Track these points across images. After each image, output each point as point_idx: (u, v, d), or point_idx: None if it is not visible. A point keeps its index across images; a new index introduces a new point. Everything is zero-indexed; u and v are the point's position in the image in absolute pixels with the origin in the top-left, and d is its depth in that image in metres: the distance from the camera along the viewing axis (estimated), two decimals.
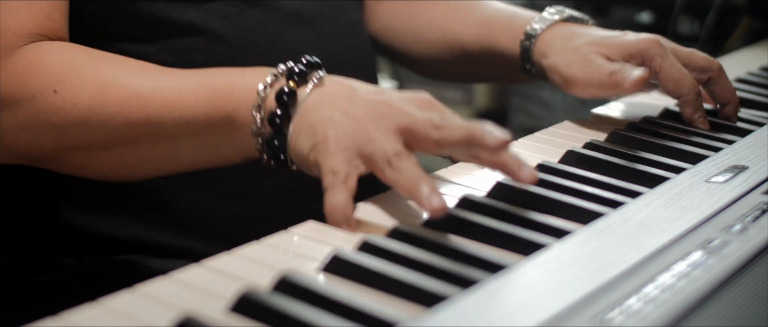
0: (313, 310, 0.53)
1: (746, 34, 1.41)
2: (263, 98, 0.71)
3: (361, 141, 0.67)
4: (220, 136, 0.74)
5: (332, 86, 0.72)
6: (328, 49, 0.94)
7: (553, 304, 0.53)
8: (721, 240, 0.62)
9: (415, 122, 0.67)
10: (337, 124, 0.68)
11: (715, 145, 0.87)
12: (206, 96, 0.74)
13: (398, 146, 0.66)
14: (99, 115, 0.74)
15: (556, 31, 0.96)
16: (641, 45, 0.91)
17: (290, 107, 0.71)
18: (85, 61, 0.77)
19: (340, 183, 0.66)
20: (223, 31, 0.87)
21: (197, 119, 0.74)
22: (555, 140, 0.88)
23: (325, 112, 0.69)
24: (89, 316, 0.53)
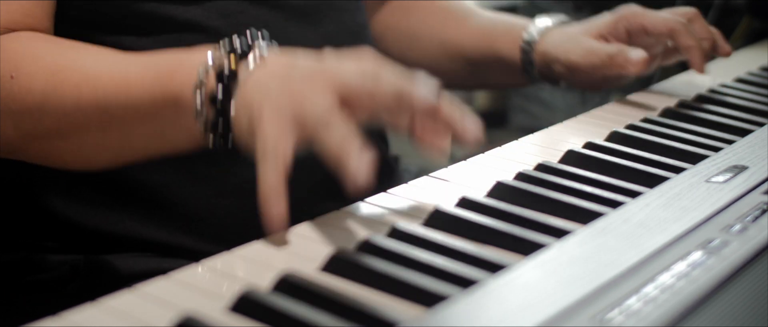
0: (313, 310, 0.53)
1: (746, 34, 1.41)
2: (204, 76, 0.69)
3: (294, 103, 0.64)
4: (167, 120, 0.72)
5: (273, 61, 0.69)
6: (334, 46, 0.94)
7: (553, 304, 0.53)
8: (721, 240, 0.62)
9: (348, 77, 0.65)
10: (271, 93, 0.66)
11: (715, 145, 0.87)
12: (152, 78, 0.72)
13: (331, 105, 0.64)
14: (52, 101, 0.74)
15: (553, 30, 1.04)
16: (620, 12, 1.01)
17: (230, 86, 0.68)
18: (43, 47, 0.77)
19: (270, 153, 0.63)
20: (225, 30, 0.87)
21: (143, 103, 0.72)
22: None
23: (262, 86, 0.67)
24: (89, 316, 0.53)
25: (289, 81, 0.66)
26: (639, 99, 1.03)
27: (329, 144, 0.62)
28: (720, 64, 1.23)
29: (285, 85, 0.66)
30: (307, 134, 0.64)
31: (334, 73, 0.66)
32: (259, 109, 0.65)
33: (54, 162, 0.80)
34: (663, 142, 0.86)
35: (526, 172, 0.77)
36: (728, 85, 1.09)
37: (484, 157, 0.82)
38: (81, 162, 0.79)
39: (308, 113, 0.64)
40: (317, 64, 0.68)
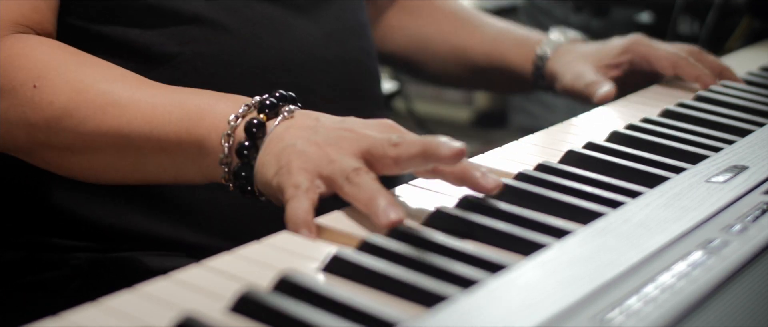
0: (313, 310, 0.53)
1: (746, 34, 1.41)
2: (233, 128, 0.72)
3: (322, 163, 0.67)
4: (187, 158, 0.74)
5: (299, 118, 0.72)
6: (333, 48, 0.94)
7: (553, 304, 0.53)
8: (721, 240, 0.62)
9: (373, 142, 0.67)
10: (299, 150, 0.68)
11: (715, 145, 0.87)
12: (179, 116, 0.74)
13: (356, 163, 0.67)
14: (73, 118, 0.75)
15: (562, 50, 1.11)
16: (626, 43, 1.07)
17: (258, 139, 0.71)
18: (68, 60, 0.78)
19: (302, 193, 0.66)
20: (229, 24, 0.87)
21: (167, 138, 0.74)
22: None
23: (288, 141, 0.69)
24: (89, 316, 0.53)
25: (316, 143, 0.68)
26: (638, 99, 1.03)
27: (357, 200, 0.65)
28: None
29: (312, 146, 0.68)
30: (333, 189, 0.67)
31: (360, 139, 0.68)
32: (287, 163, 0.68)
33: (60, 171, 0.80)
34: (663, 142, 0.86)
35: (526, 172, 0.77)
36: (728, 85, 1.09)
37: (484, 157, 0.82)
38: (89, 176, 0.79)
39: (336, 173, 0.66)
40: (342, 124, 0.70)
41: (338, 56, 0.94)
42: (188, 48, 0.85)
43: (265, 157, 0.70)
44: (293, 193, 0.66)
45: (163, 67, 0.85)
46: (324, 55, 0.93)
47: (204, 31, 0.86)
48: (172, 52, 0.85)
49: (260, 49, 0.88)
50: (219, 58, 0.87)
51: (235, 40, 0.87)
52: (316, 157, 0.67)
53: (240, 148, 0.71)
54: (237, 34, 0.87)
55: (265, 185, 0.70)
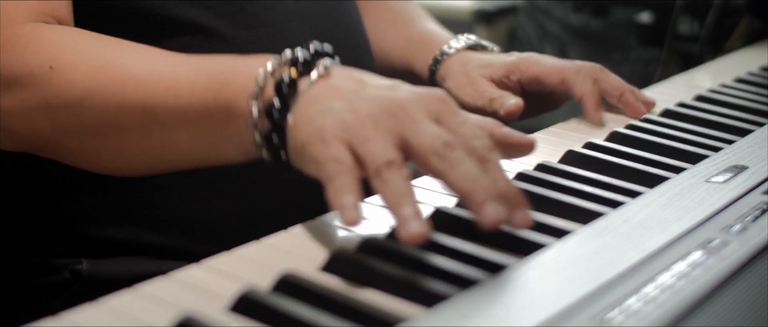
0: (313, 310, 0.53)
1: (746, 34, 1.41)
2: (262, 87, 0.65)
3: (357, 137, 0.61)
4: (217, 127, 0.68)
5: (339, 78, 0.65)
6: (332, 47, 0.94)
7: (553, 304, 0.53)
8: (721, 240, 0.62)
9: (419, 140, 0.61)
10: (335, 115, 0.61)
11: (715, 145, 0.87)
12: (204, 82, 0.69)
13: (392, 153, 0.60)
14: (94, 97, 0.71)
15: (458, 57, 1.02)
16: (516, 60, 0.99)
17: (290, 98, 0.64)
18: (84, 40, 0.75)
19: (346, 170, 0.59)
20: (222, 29, 0.87)
21: (193, 107, 0.69)
22: None
23: (325, 104, 0.63)
24: (89, 316, 0.53)
25: (356, 110, 0.62)
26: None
27: (383, 195, 0.59)
28: (720, 64, 1.23)
29: (351, 113, 0.62)
30: (362, 173, 0.60)
31: (406, 125, 0.61)
32: (320, 129, 0.61)
33: (89, 161, 0.76)
34: (663, 142, 0.86)
35: (526, 172, 0.77)
36: (728, 85, 1.09)
37: None
38: (118, 163, 0.75)
39: (368, 158, 0.60)
40: (388, 94, 0.63)
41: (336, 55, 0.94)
42: None
43: (298, 119, 0.63)
44: (335, 168, 0.60)
45: None
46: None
47: (197, 38, 0.86)
48: None
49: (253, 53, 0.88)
50: None
51: (230, 46, 0.87)
52: (354, 128, 0.61)
53: (269, 108, 0.64)
54: (231, 40, 0.87)
55: (297, 152, 0.63)
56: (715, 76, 1.14)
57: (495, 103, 0.96)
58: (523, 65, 0.98)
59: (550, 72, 0.96)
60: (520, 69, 0.98)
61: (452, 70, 1.02)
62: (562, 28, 2.06)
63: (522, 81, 0.98)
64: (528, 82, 0.98)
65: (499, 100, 0.96)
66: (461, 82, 1.00)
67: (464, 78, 1.00)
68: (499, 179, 0.61)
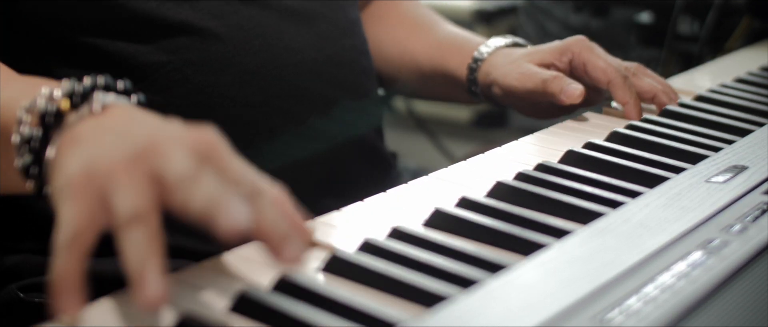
0: (313, 310, 0.53)
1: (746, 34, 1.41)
2: (28, 113, 0.60)
3: (108, 187, 0.53)
4: (3, 152, 0.64)
5: (111, 116, 0.58)
6: (326, 49, 0.94)
7: (553, 304, 0.53)
8: (721, 240, 0.62)
9: (167, 172, 0.53)
10: (87, 161, 0.54)
11: (715, 145, 0.87)
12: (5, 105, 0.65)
13: (142, 203, 0.52)
14: None
15: (499, 52, 1.02)
16: (568, 43, 0.97)
17: (51, 130, 0.59)
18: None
19: (69, 242, 0.53)
20: (217, 30, 0.87)
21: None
22: None
23: (84, 147, 0.56)
24: (89, 316, 0.53)
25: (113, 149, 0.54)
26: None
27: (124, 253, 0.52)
28: (720, 64, 1.23)
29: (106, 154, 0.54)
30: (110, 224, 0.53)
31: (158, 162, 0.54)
32: (69, 176, 0.54)
33: None
34: (663, 142, 0.86)
35: (526, 172, 0.77)
36: (728, 85, 1.09)
37: (484, 157, 0.82)
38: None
39: (115, 207, 0.53)
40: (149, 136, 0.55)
41: (330, 57, 0.94)
42: (177, 56, 0.85)
43: (56, 159, 0.57)
44: (61, 237, 0.53)
45: (152, 76, 0.85)
46: (316, 57, 0.93)
47: (193, 39, 0.86)
48: (161, 60, 0.85)
49: (250, 55, 0.88)
50: (209, 65, 0.86)
51: (225, 47, 0.87)
52: (104, 177, 0.53)
53: (28, 138, 0.59)
54: (226, 41, 0.87)
55: (53, 193, 0.56)
56: (715, 76, 1.14)
57: (552, 84, 0.92)
58: (575, 47, 0.97)
59: (601, 69, 0.95)
60: (573, 51, 0.97)
61: (497, 63, 1.01)
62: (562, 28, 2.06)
63: (573, 62, 0.97)
64: (577, 66, 0.97)
65: (557, 82, 0.92)
66: (507, 70, 0.99)
67: (509, 66, 0.99)
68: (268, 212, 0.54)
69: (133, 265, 0.51)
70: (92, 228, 0.53)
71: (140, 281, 0.50)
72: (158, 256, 0.51)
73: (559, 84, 0.92)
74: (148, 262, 0.51)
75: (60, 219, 0.54)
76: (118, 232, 0.52)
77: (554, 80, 0.93)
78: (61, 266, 0.52)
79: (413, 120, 2.08)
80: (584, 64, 0.96)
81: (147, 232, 0.52)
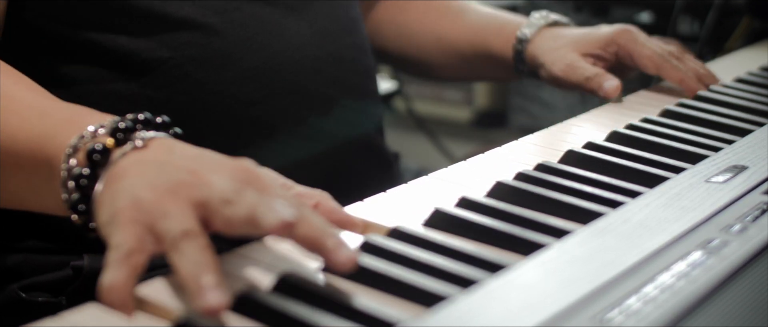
0: (313, 310, 0.53)
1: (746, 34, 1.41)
2: (76, 150, 0.63)
3: (155, 216, 0.56)
4: (41, 180, 0.66)
5: (152, 150, 0.62)
6: (327, 47, 0.94)
7: (553, 304, 0.53)
8: (721, 240, 0.62)
9: (209, 195, 0.57)
10: (134, 195, 0.57)
11: (715, 145, 0.87)
12: (39, 132, 0.67)
13: (189, 224, 0.56)
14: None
15: (544, 34, 1.07)
16: (613, 35, 1.04)
17: (99, 167, 0.61)
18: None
19: (121, 258, 0.55)
20: (219, 27, 0.87)
21: (24, 155, 0.67)
22: None
23: (128, 180, 0.59)
24: (89, 316, 0.53)
25: (154, 188, 0.58)
26: (639, 99, 1.03)
27: (179, 267, 0.54)
28: (720, 64, 1.23)
29: (149, 191, 0.57)
30: (161, 249, 0.56)
31: (200, 189, 0.57)
32: (119, 210, 0.57)
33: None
34: (663, 142, 0.86)
35: (526, 172, 0.77)
36: (728, 85, 1.09)
37: (484, 157, 0.82)
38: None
39: (164, 233, 0.56)
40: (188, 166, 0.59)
41: (331, 54, 0.94)
42: (179, 52, 0.85)
43: (104, 195, 0.60)
44: (112, 257, 0.55)
45: (154, 73, 0.85)
46: (317, 54, 0.93)
47: (194, 35, 0.86)
48: (162, 56, 0.85)
49: (252, 51, 0.88)
50: (210, 61, 0.87)
51: (226, 43, 0.87)
52: (150, 207, 0.57)
53: (77, 176, 0.61)
54: (228, 37, 0.87)
55: (100, 227, 0.59)
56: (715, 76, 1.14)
57: (592, 82, 1.00)
58: (621, 39, 1.03)
59: (647, 57, 1.01)
60: (618, 43, 1.03)
61: (543, 47, 1.05)
62: None
63: (619, 53, 1.03)
64: (623, 56, 1.03)
65: (597, 80, 1.00)
66: (554, 58, 1.04)
67: (556, 54, 1.04)
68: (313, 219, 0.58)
69: (190, 277, 0.53)
70: (143, 251, 0.55)
71: (199, 292, 0.52)
72: (213, 265, 0.54)
73: (599, 81, 1.00)
74: (203, 273, 0.53)
75: (111, 246, 0.56)
76: (170, 253, 0.55)
77: (595, 78, 1.00)
78: (110, 279, 0.54)
79: (413, 120, 2.08)
80: (630, 55, 1.02)
81: (198, 245, 0.55)
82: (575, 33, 1.06)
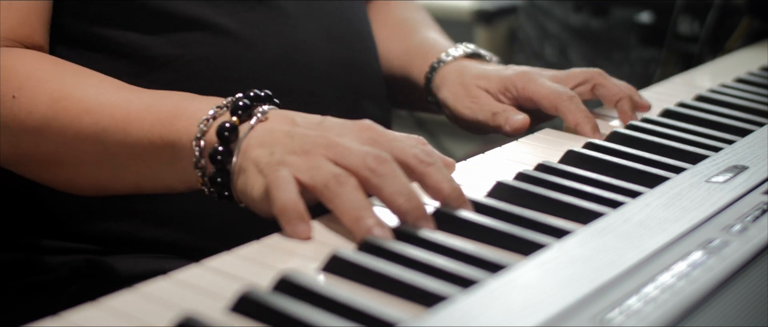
0: (313, 310, 0.53)
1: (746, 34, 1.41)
2: (204, 131, 0.70)
3: (301, 170, 0.65)
4: (163, 163, 0.73)
5: (274, 121, 0.70)
6: (339, 50, 0.94)
7: (553, 304, 0.53)
8: (721, 240, 0.62)
9: (351, 161, 0.66)
10: (277, 158, 0.66)
11: (715, 145, 0.87)
12: (152, 121, 0.73)
13: (337, 170, 0.65)
14: (52, 127, 0.75)
15: (455, 65, 0.99)
16: (512, 77, 0.94)
17: (231, 143, 0.69)
18: (47, 69, 0.78)
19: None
20: (231, 27, 0.87)
21: (142, 144, 0.73)
22: None
23: (265, 147, 0.67)
24: (89, 316, 0.53)
25: (292, 145, 0.67)
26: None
27: (337, 206, 0.64)
28: (720, 64, 1.23)
29: (289, 149, 0.66)
30: (314, 195, 0.65)
31: (334, 145, 0.66)
32: (263, 171, 0.66)
33: (45, 182, 0.80)
34: (663, 142, 0.86)
35: (526, 172, 0.77)
36: (728, 85, 1.09)
37: (484, 157, 0.82)
38: (70, 189, 0.79)
39: (316, 180, 0.64)
40: (317, 132, 0.68)
41: (342, 58, 0.94)
42: (188, 51, 0.85)
43: (242, 164, 0.68)
44: (282, 214, 0.64)
45: (163, 70, 0.85)
46: (328, 57, 0.93)
47: (205, 34, 0.86)
48: (172, 54, 0.85)
49: (262, 52, 0.88)
50: (220, 61, 0.86)
51: (237, 43, 0.87)
52: (294, 164, 0.65)
53: (213, 153, 0.69)
54: (238, 37, 0.87)
55: (245, 195, 0.68)
56: (715, 76, 1.14)
57: (499, 118, 0.94)
58: (519, 83, 0.94)
59: (544, 97, 0.92)
60: (517, 87, 0.94)
61: (448, 79, 0.99)
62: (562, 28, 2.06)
63: (518, 98, 0.95)
64: (524, 101, 0.95)
65: (504, 115, 0.93)
66: (458, 93, 0.97)
67: (461, 88, 0.97)
68: (442, 180, 0.68)
69: (350, 215, 0.63)
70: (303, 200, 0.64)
71: (358, 222, 0.62)
72: (368, 202, 0.63)
73: (505, 117, 0.93)
74: (362, 210, 0.63)
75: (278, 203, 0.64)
76: (323, 194, 0.64)
77: (502, 113, 0.93)
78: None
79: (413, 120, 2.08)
80: (529, 97, 0.94)
81: (351, 186, 0.64)
82: (480, 69, 0.98)
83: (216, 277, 0.58)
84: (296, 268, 0.59)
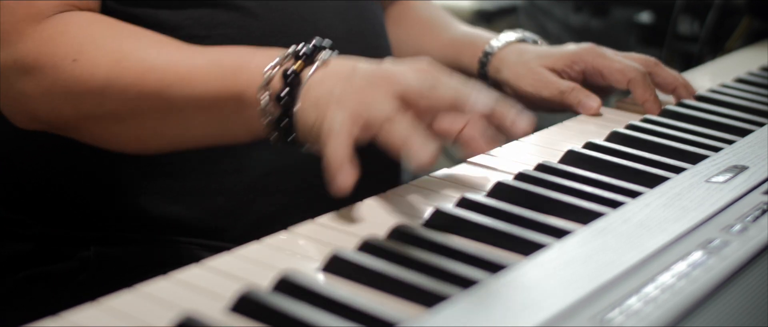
0: (313, 310, 0.53)
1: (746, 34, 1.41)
2: (269, 79, 0.73)
3: (359, 108, 0.69)
4: (229, 114, 0.76)
5: (335, 65, 0.73)
6: (358, 45, 0.94)
7: (553, 304, 0.53)
8: (721, 240, 0.62)
9: (407, 87, 0.70)
10: (336, 97, 0.70)
11: (715, 145, 0.87)
12: (216, 74, 0.75)
13: (392, 106, 0.68)
14: (115, 87, 0.76)
15: (510, 48, 1.04)
16: (580, 51, 1.00)
17: (295, 87, 0.72)
18: (105, 32, 0.79)
19: (337, 133, 0.68)
20: (257, 10, 0.88)
21: (207, 96, 0.75)
22: None
23: (326, 88, 0.71)
24: (89, 316, 0.53)
25: (353, 89, 0.70)
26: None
27: (394, 137, 0.67)
28: (720, 64, 1.23)
29: (349, 92, 0.70)
30: (371, 133, 0.69)
31: (395, 78, 0.70)
32: (325, 106, 0.70)
33: (109, 143, 0.82)
34: (663, 142, 0.86)
35: (526, 172, 0.77)
36: (728, 85, 1.09)
37: (484, 157, 0.82)
38: (135, 145, 0.81)
39: (373, 116, 0.68)
40: (378, 69, 0.72)
41: (360, 53, 0.94)
42: (216, 32, 0.86)
43: (305, 105, 0.72)
44: (328, 132, 0.68)
45: None
46: (349, 50, 0.93)
47: (232, 16, 0.87)
48: (200, 34, 0.85)
49: (286, 38, 0.88)
50: (245, 43, 0.87)
51: (263, 27, 0.88)
52: (352, 102, 0.69)
53: (278, 97, 0.72)
54: (264, 21, 0.88)
55: (306, 131, 0.72)
56: (715, 76, 1.14)
57: (570, 97, 0.97)
58: (588, 57, 0.99)
59: (618, 71, 0.98)
60: (585, 60, 0.99)
61: (507, 60, 1.02)
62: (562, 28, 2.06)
63: (586, 71, 0.99)
64: (591, 74, 0.99)
65: (575, 95, 0.97)
66: (519, 72, 1.01)
67: (523, 67, 1.01)
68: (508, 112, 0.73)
69: (401, 142, 0.67)
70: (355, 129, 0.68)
71: (411, 153, 0.66)
72: (421, 130, 0.67)
73: (577, 96, 0.97)
74: (413, 136, 0.66)
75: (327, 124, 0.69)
76: (381, 131, 0.68)
77: (572, 93, 0.97)
78: (335, 151, 0.67)
79: None
80: (600, 71, 0.98)
81: (405, 120, 0.68)
82: (541, 49, 1.03)
83: (216, 277, 0.58)
84: (296, 268, 0.59)
